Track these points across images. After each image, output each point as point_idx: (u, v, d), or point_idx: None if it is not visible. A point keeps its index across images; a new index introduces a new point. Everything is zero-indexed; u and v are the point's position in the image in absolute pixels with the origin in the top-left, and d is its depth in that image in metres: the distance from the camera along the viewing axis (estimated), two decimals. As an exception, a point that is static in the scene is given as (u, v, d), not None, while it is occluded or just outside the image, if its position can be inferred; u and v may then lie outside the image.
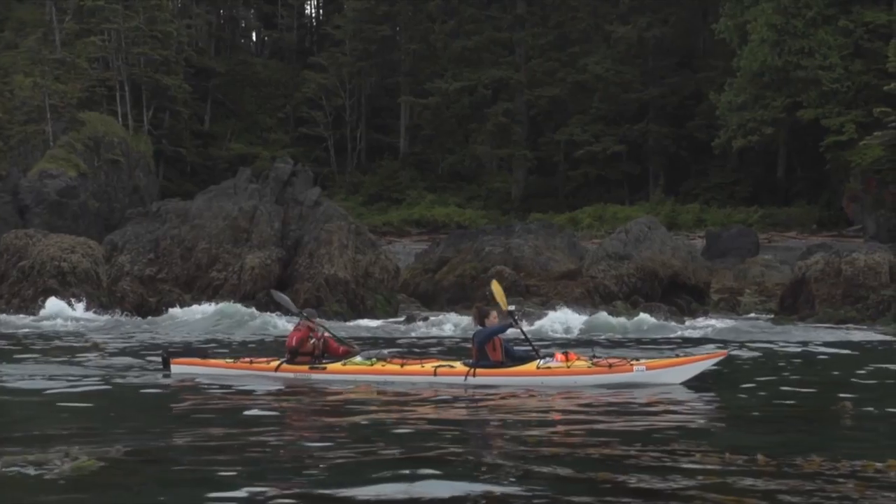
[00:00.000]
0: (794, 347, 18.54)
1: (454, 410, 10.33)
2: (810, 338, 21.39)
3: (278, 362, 12.88)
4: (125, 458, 7.37)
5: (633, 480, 6.84)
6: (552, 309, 27.43)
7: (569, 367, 11.76)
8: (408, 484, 6.33)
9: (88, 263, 26.81)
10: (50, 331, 22.63)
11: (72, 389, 11.88)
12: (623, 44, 59.10)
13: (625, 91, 58.96)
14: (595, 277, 31.94)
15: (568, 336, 22.81)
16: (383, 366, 12.43)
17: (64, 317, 24.82)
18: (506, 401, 10.84)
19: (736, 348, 17.46)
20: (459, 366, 12.15)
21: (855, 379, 13.36)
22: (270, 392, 11.78)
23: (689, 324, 26.02)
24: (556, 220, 51.15)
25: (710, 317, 29.40)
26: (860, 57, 50.03)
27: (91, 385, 12.34)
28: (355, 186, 63.22)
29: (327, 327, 13.63)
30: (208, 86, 64.37)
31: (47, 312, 25.14)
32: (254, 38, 75.13)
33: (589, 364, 11.85)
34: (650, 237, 33.60)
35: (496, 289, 12.88)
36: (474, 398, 11.13)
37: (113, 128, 51.19)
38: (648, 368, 11.75)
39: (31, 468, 6.78)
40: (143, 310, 28.23)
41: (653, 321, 25.12)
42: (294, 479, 6.62)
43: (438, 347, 19.21)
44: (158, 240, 31.68)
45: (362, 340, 18.78)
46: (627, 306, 27.89)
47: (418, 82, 63.34)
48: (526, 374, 11.82)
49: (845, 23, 50.10)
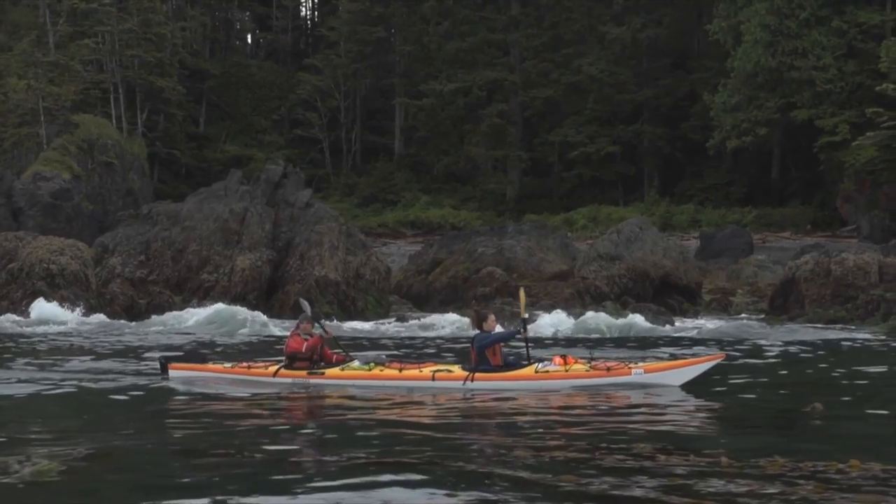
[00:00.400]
0: (779, 348, 18.51)
1: (450, 415, 10.24)
2: (797, 338, 21.37)
3: (276, 368, 12.77)
4: (86, 462, 7.35)
5: (596, 483, 6.83)
6: (543, 311, 27.39)
7: (567, 370, 11.75)
8: (389, 489, 6.31)
9: (77, 265, 26.78)
10: (36, 333, 22.59)
11: (47, 393, 11.87)
12: (617, 45, 59.07)
13: (619, 92, 58.92)
14: (586, 278, 31.90)
15: (557, 337, 22.77)
16: (381, 371, 12.34)
17: (51, 319, 24.76)
18: (502, 405, 10.78)
19: (721, 349, 17.42)
20: (458, 370, 12.13)
21: (833, 380, 13.36)
22: (259, 397, 11.65)
23: (679, 324, 26.00)
24: (551, 221, 51.12)
25: (700, 317, 29.38)
26: (853, 57, 50.04)
27: (67, 388, 12.31)
28: (350, 188, 63.22)
29: (325, 330, 13.15)
30: (203, 88, 64.36)
31: (35, 315, 25.06)
32: (248, 40, 75.17)
33: (587, 367, 11.83)
34: (641, 238, 33.57)
35: (522, 296, 13.56)
36: (471, 403, 11.04)
37: (107, 130, 51.12)
38: (647, 371, 11.75)
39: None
40: (132, 312, 28.19)
41: (642, 321, 25.08)
42: (262, 486, 6.58)
43: (429, 349, 19.19)
44: (149, 242, 31.65)
45: (353, 342, 18.75)
46: (617, 307, 27.86)
47: (413, 84, 63.34)
48: (524, 378, 11.80)
49: (839, 23, 50.11)
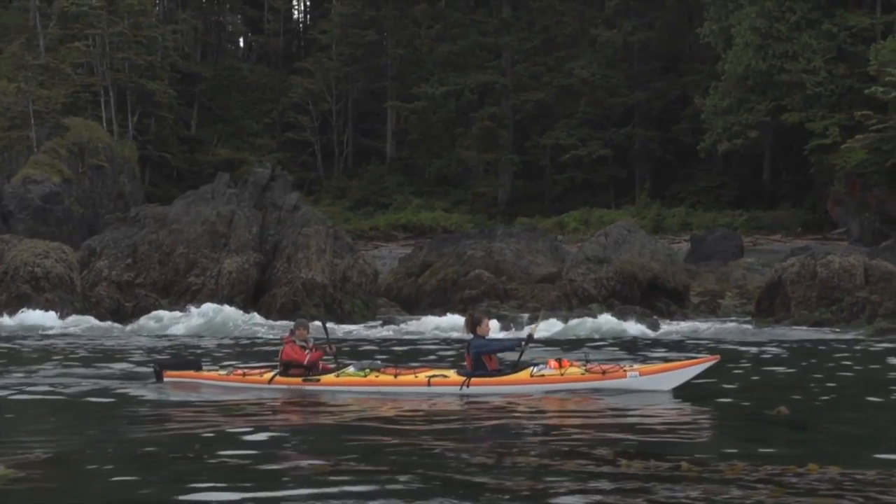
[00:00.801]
0: (760, 350, 18.47)
1: (444, 422, 10.14)
2: (780, 340, 21.37)
3: (272, 374, 12.70)
4: (42, 470, 7.31)
5: (555, 488, 6.80)
6: (529, 312, 27.37)
7: (562, 374, 11.76)
8: (373, 499, 6.27)
9: (62, 269, 26.74)
10: (17, 336, 22.53)
11: (18, 398, 11.82)
12: (609, 48, 59.14)
13: (610, 95, 58.98)
14: (574, 281, 31.87)
15: (543, 338, 22.71)
16: (377, 376, 12.28)
17: (36, 323, 24.73)
18: (495, 412, 10.72)
19: (699, 352, 17.41)
20: (453, 375, 12.11)
21: (807, 383, 13.33)
22: (243, 403, 11.50)
23: (664, 326, 25.97)
24: (543, 224, 51.17)
25: (687, 320, 29.36)
26: (843, 60, 50.14)
27: (41, 393, 12.28)
28: (342, 191, 63.21)
29: (330, 346, 12.93)
30: (194, 91, 64.34)
31: (21, 318, 25.05)
32: (240, 43, 75.13)
33: (582, 371, 11.83)
34: (629, 240, 33.55)
35: (541, 317, 14.20)
36: (465, 410, 10.97)
37: (97, 133, 51.03)
38: (642, 374, 11.75)
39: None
40: (118, 315, 28.15)
41: (627, 324, 25.06)
42: (220, 492, 6.53)
43: (418, 352, 19.16)
44: (136, 245, 31.61)
45: (342, 343, 18.70)
46: (603, 309, 27.85)
47: (405, 87, 63.37)
48: (520, 382, 11.81)
49: (829, 26, 50.22)
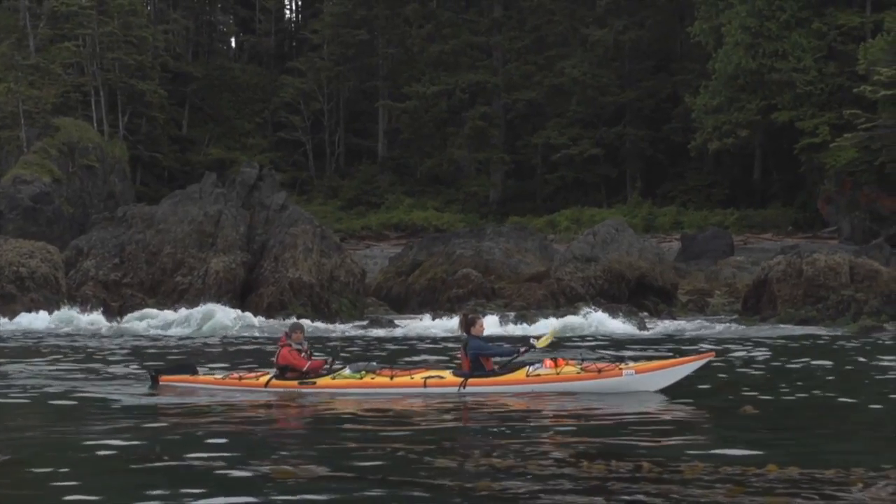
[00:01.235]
0: (742, 348, 18.47)
1: (440, 424, 10.11)
2: (763, 338, 21.36)
3: (267, 378, 12.69)
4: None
5: (514, 488, 6.79)
6: (515, 311, 27.38)
7: (558, 373, 11.79)
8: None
9: (47, 268, 26.73)
10: (2, 336, 22.51)
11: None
12: (600, 47, 59.12)
13: (602, 94, 58.96)
14: (562, 279, 31.90)
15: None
16: (372, 378, 12.25)
17: (23, 323, 24.69)
18: (493, 411, 10.69)
19: (681, 351, 17.40)
20: (449, 376, 12.14)
21: (782, 381, 13.32)
22: (230, 405, 11.49)
23: (650, 325, 25.98)
24: (534, 223, 51.18)
25: (674, 318, 29.38)
26: (833, 59, 50.15)
27: (15, 395, 12.25)
28: (334, 191, 63.14)
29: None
30: (186, 91, 64.24)
31: (5, 319, 25.02)
32: (232, 43, 74.97)
33: (578, 369, 11.85)
34: (618, 239, 33.60)
35: (553, 331, 14.03)
36: (462, 410, 10.93)
37: (88, 133, 50.94)
38: (637, 372, 11.76)
39: None
40: (105, 314, 28.08)
41: (614, 322, 25.06)
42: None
43: (399, 347, 19.14)
44: (123, 244, 31.60)
45: (328, 343, 18.68)
46: (590, 308, 27.84)
47: (396, 86, 63.30)
48: (517, 382, 11.86)
49: (819, 25, 50.24)
